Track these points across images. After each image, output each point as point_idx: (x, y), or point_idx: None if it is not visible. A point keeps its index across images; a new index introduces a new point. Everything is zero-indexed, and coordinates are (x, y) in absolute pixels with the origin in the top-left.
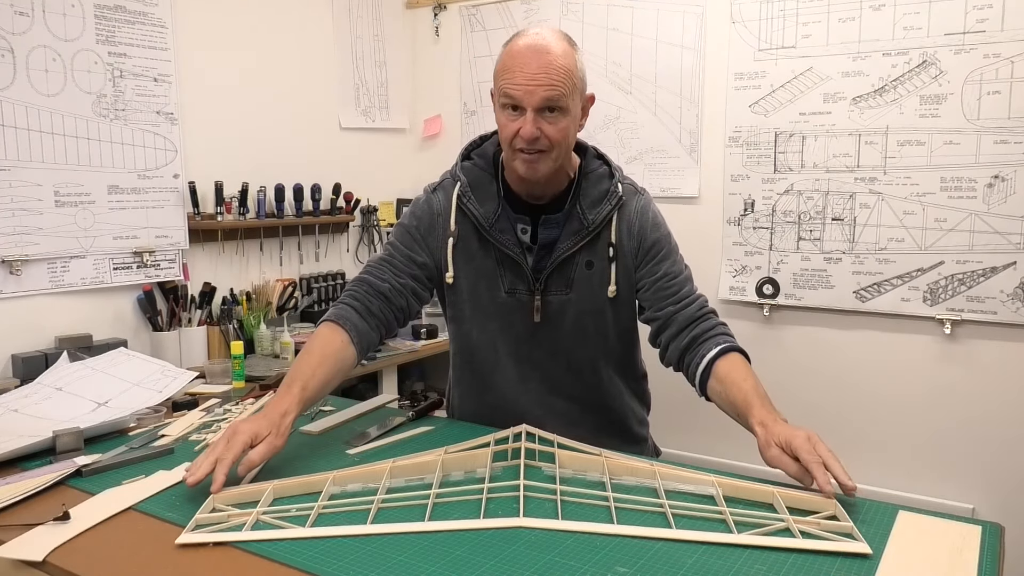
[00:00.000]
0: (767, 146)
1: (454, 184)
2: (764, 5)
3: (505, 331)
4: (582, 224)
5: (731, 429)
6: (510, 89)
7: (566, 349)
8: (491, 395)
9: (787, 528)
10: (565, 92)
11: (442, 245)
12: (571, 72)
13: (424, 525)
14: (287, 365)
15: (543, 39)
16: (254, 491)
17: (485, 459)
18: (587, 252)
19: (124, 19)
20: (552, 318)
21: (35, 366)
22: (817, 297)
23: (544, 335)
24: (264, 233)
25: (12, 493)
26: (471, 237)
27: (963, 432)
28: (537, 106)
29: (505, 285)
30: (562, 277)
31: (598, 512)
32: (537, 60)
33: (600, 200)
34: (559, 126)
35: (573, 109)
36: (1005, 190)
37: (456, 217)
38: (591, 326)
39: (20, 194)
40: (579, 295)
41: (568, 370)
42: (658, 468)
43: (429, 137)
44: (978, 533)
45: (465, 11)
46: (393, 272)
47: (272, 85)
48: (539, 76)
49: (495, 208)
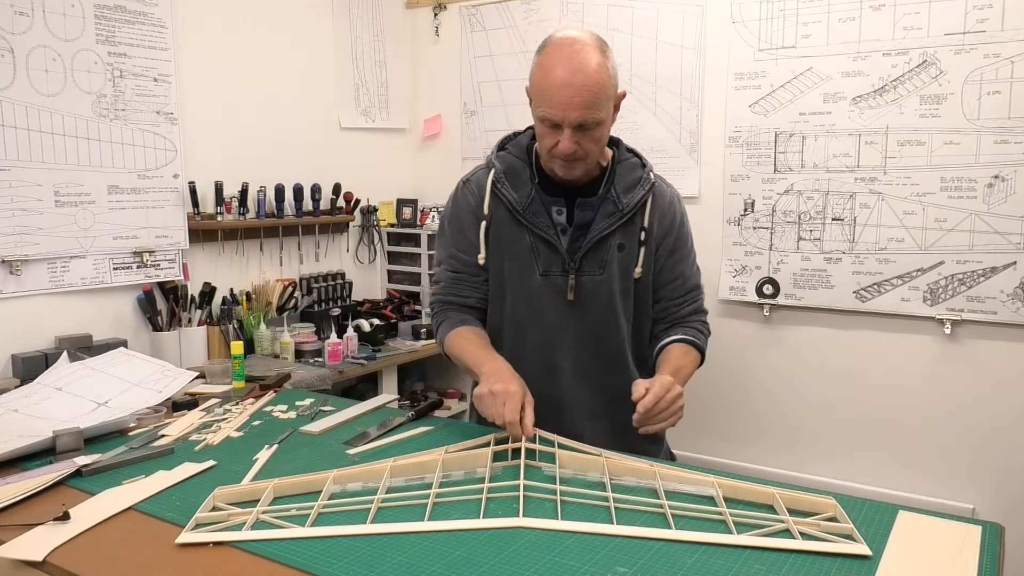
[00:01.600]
0: (767, 146)
1: (488, 172)
2: (764, 5)
3: (537, 314)
4: (616, 207)
5: (743, 433)
6: (546, 112)
7: (596, 334)
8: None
9: (787, 529)
10: (600, 107)
11: (479, 230)
12: (604, 85)
13: (424, 525)
14: (287, 365)
15: (577, 58)
16: (254, 490)
17: (485, 459)
18: (620, 235)
19: (124, 19)
20: (585, 299)
21: (35, 366)
22: (817, 297)
23: (576, 318)
24: (264, 233)
25: (12, 493)
26: (505, 221)
27: (963, 432)
28: (573, 125)
29: (540, 267)
30: (596, 258)
31: (598, 512)
32: (573, 83)
33: (634, 186)
34: (595, 136)
35: (607, 117)
36: (1005, 190)
37: (490, 203)
38: (620, 309)
39: (20, 194)
40: (611, 276)
41: (596, 355)
42: (658, 469)
43: (429, 137)
44: (978, 533)
45: (465, 11)
46: (470, 286)
47: (272, 85)
48: (575, 100)
49: (528, 193)
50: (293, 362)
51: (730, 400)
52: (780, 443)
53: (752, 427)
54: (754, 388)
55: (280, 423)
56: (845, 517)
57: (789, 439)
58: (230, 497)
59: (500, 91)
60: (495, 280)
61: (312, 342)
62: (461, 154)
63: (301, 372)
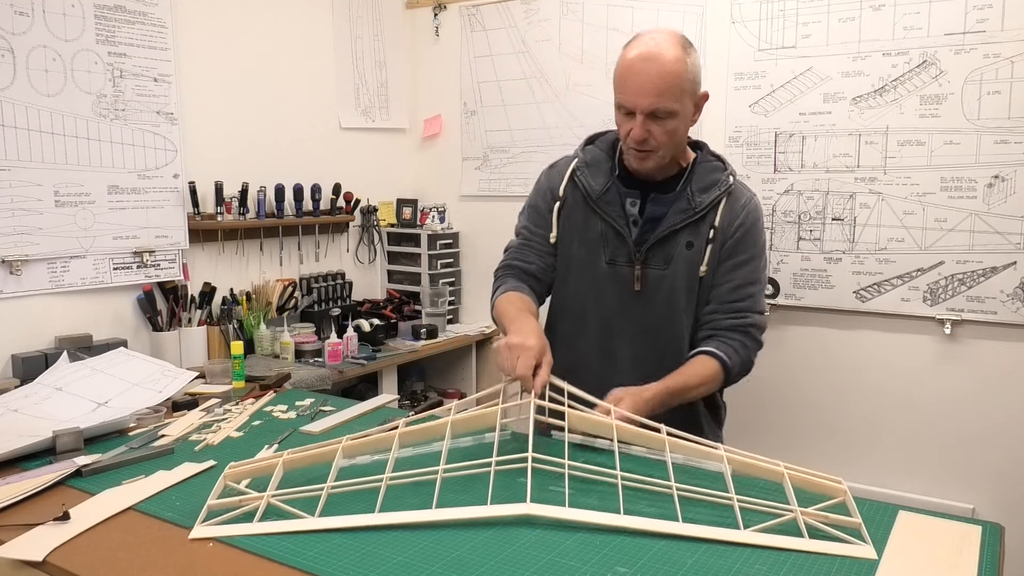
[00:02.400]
0: (767, 146)
1: (571, 161)
2: (764, 5)
3: (599, 300)
4: (689, 204)
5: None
6: (621, 98)
7: (656, 327)
8: (572, 361)
9: (794, 520)
10: (673, 98)
11: (553, 209)
12: (680, 77)
13: (433, 514)
14: (287, 365)
15: (655, 47)
16: (265, 466)
17: (494, 419)
18: (690, 232)
19: (124, 19)
20: (648, 291)
21: (35, 366)
22: (817, 297)
23: (638, 310)
24: (264, 233)
25: (12, 493)
26: (579, 207)
27: (963, 432)
28: (645, 112)
29: (606, 255)
30: (663, 252)
31: (606, 493)
32: (647, 69)
33: (711, 186)
34: (667, 128)
35: (683, 111)
36: (1005, 190)
37: (567, 187)
38: (682, 304)
39: (20, 194)
40: (676, 272)
41: (654, 348)
42: (668, 438)
43: (429, 137)
44: (978, 533)
45: (465, 11)
46: (537, 254)
47: (272, 85)
48: (647, 86)
49: (606, 183)
50: (293, 362)
51: (729, 400)
52: (779, 443)
53: (752, 427)
54: (754, 388)
55: (280, 423)
56: (854, 508)
57: (788, 439)
58: (240, 475)
59: (500, 91)
60: (562, 261)
61: (312, 342)
62: (461, 154)
63: (301, 372)
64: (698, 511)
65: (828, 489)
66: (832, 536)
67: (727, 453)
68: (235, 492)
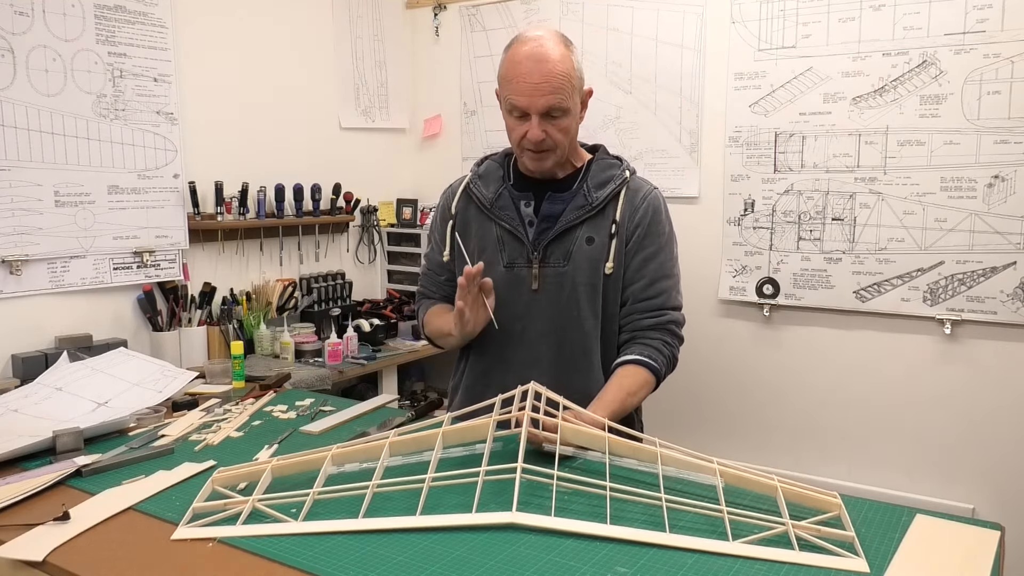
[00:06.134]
0: (767, 146)
1: (463, 179)
2: (764, 5)
3: (501, 305)
4: (587, 200)
5: (743, 433)
6: (515, 99)
7: (560, 326)
8: (485, 367)
9: (785, 532)
10: (565, 96)
11: (445, 229)
12: (569, 75)
13: (415, 521)
14: (287, 365)
15: (542, 47)
16: (253, 472)
17: (486, 431)
18: (589, 228)
19: (124, 19)
20: (549, 290)
21: (35, 366)
22: (817, 297)
23: (539, 311)
24: (264, 233)
25: (12, 493)
26: (475, 218)
27: (963, 432)
28: (541, 112)
29: (504, 259)
30: (561, 249)
31: (594, 505)
32: (539, 70)
33: (607, 182)
34: (562, 125)
35: (573, 107)
36: (1005, 190)
37: (460, 203)
38: (585, 302)
39: (20, 194)
40: (576, 268)
41: (561, 349)
42: (662, 451)
43: (429, 137)
44: (995, 538)
45: (465, 11)
46: (435, 284)
47: (272, 85)
48: (541, 85)
49: (497, 189)
50: (293, 362)
51: (730, 400)
52: (779, 443)
53: (752, 427)
54: (754, 388)
55: (280, 423)
56: (848, 522)
57: (789, 439)
58: (228, 480)
59: None
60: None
61: (312, 342)
62: (461, 154)
63: (301, 372)
64: (690, 522)
65: (822, 503)
66: (825, 549)
67: (720, 466)
68: (222, 496)
